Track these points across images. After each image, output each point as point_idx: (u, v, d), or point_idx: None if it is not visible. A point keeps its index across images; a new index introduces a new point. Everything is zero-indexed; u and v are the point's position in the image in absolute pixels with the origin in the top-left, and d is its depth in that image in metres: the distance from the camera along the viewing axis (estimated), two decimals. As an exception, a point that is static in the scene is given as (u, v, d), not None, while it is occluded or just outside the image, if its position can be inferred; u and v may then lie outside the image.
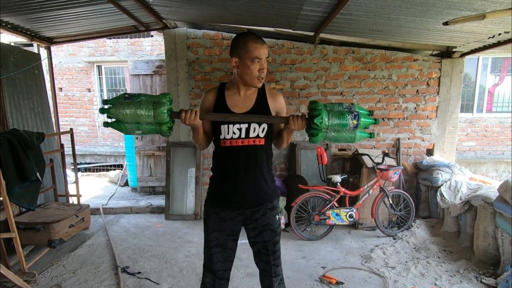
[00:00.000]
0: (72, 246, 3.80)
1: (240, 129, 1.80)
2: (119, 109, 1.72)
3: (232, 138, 1.81)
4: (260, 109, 1.84)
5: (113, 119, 1.80)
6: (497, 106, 7.31)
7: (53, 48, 5.08)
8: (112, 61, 7.94)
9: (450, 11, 2.86)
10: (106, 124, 1.84)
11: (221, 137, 1.82)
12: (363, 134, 1.89)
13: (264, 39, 1.80)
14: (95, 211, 4.91)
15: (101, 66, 8.18)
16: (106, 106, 1.78)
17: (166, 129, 1.78)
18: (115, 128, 1.82)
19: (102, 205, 5.14)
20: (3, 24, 3.81)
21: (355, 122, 1.78)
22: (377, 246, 3.84)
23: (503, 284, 2.74)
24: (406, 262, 3.42)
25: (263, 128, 1.82)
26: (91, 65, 8.06)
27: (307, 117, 1.80)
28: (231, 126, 1.79)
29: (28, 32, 4.26)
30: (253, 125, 1.81)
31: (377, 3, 2.84)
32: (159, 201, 5.31)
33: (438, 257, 3.50)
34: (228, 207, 1.88)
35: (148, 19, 4.24)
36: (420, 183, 4.66)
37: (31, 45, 4.87)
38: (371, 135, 1.93)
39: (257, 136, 1.82)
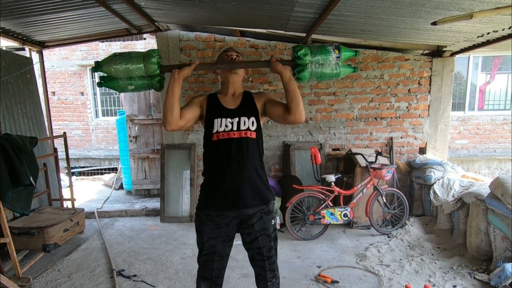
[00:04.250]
0: (67, 250, 3.79)
1: (232, 123, 1.88)
2: (111, 65, 1.82)
3: (224, 131, 1.87)
4: (248, 105, 1.96)
5: (106, 79, 1.89)
6: (488, 104, 7.39)
7: (45, 52, 5.06)
8: (105, 64, 7.92)
9: (439, 11, 2.90)
10: (99, 84, 1.93)
11: (214, 131, 1.88)
12: (346, 69, 1.99)
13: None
14: (90, 215, 4.89)
15: (94, 69, 8.14)
16: (98, 70, 1.87)
17: (156, 82, 1.89)
18: (109, 86, 1.91)
19: (97, 208, 5.11)
20: (-6, 28, 3.80)
21: (336, 52, 1.90)
22: (371, 244, 3.87)
23: (496, 279, 2.78)
24: (401, 259, 3.45)
25: (253, 122, 1.91)
26: (84, 69, 8.03)
27: (290, 59, 1.96)
28: (223, 120, 1.88)
29: (20, 37, 4.24)
30: (242, 119, 1.90)
31: (367, 4, 2.87)
32: (154, 203, 5.30)
33: (432, 254, 3.54)
34: (223, 208, 1.86)
35: (140, 22, 4.25)
36: (413, 181, 4.71)
37: (23, 49, 4.85)
38: (354, 69, 2.04)
39: (248, 129, 1.89)
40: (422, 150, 4.94)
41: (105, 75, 1.90)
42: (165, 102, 1.81)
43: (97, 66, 1.87)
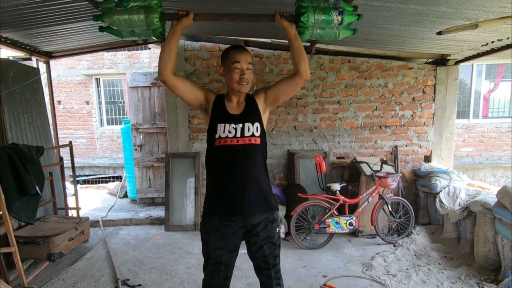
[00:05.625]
0: (72, 259, 3.79)
1: (235, 129, 1.85)
2: (112, 17, 1.78)
3: (227, 137, 1.84)
4: (251, 109, 1.93)
5: (107, 27, 1.87)
6: (493, 112, 7.37)
7: (52, 62, 5.12)
8: (110, 73, 7.99)
9: (443, 21, 2.92)
10: (101, 29, 1.92)
11: (216, 136, 1.85)
12: (346, 31, 1.98)
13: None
14: (95, 224, 4.89)
15: (99, 78, 8.23)
16: (99, 13, 1.86)
17: (159, 34, 1.89)
18: (110, 33, 1.90)
19: (102, 217, 5.12)
20: (3, 39, 3.85)
21: (339, 18, 1.88)
22: (377, 253, 3.84)
23: (504, 290, 2.75)
24: (407, 269, 3.42)
25: (257, 127, 1.88)
26: (89, 78, 8.11)
27: (294, 14, 1.91)
28: (227, 125, 1.85)
29: (28, 47, 4.30)
30: (247, 124, 1.87)
31: (372, 14, 2.89)
32: (159, 212, 5.30)
33: (439, 264, 3.50)
34: (228, 216, 1.85)
35: (146, 32, 4.29)
36: (419, 190, 4.68)
37: (30, 59, 4.91)
38: (354, 31, 2.02)
39: (252, 135, 1.86)
40: (427, 159, 4.92)
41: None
42: (161, 52, 1.79)
43: (98, 16, 1.84)
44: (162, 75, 1.79)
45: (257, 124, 1.89)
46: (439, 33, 2.99)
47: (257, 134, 1.88)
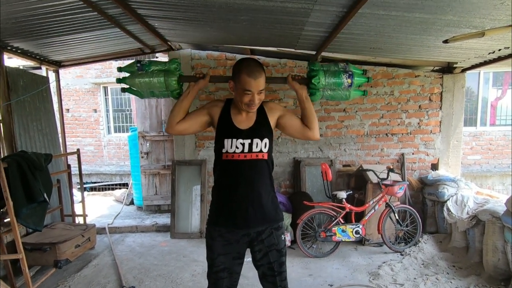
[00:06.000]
0: (78, 266, 3.80)
1: (243, 144, 1.83)
2: (134, 79, 1.96)
3: (234, 152, 1.83)
4: (262, 124, 1.90)
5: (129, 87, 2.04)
6: (500, 119, 7.31)
7: (61, 71, 5.20)
8: (118, 82, 8.09)
9: (449, 29, 2.92)
10: (123, 90, 2.08)
11: (224, 150, 1.85)
12: (357, 92, 2.08)
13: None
14: (101, 231, 4.91)
15: (107, 87, 8.34)
16: (122, 75, 2.04)
17: (176, 95, 2.01)
18: (132, 93, 2.07)
19: (108, 224, 5.14)
20: (14, 49, 3.93)
21: (349, 81, 1.98)
22: (384, 262, 3.80)
23: (515, 300, 2.70)
24: (415, 278, 3.37)
25: (265, 143, 1.86)
26: (97, 86, 8.22)
27: (305, 76, 1.99)
28: (234, 140, 1.83)
29: (38, 57, 4.38)
30: (255, 140, 1.84)
31: (377, 23, 2.91)
32: (165, 219, 5.31)
33: (447, 273, 3.45)
34: (233, 227, 1.86)
35: (154, 42, 4.36)
36: (426, 198, 4.64)
37: (40, 68, 5.00)
38: (364, 93, 2.11)
39: (260, 151, 1.85)
40: (435, 166, 4.88)
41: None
42: (173, 109, 1.90)
43: (121, 79, 2.01)
44: (170, 130, 1.91)
45: (266, 140, 1.87)
46: (445, 41, 2.99)
47: (265, 150, 1.87)
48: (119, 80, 2.02)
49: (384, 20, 2.82)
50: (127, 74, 2.04)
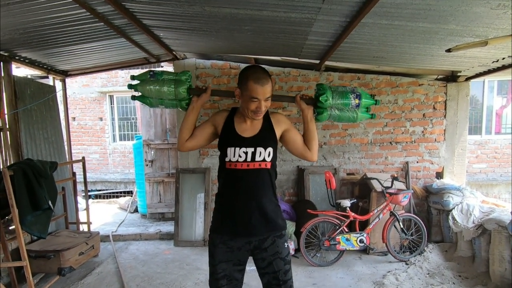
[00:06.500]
0: (82, 274, 3.80)
1: (246, 153, 1.84)
2: (145, 86, 2.00)
3: (237, 161, 1.84)
4: (267, 133, 1.91)
5: (139, 94, 2.08)
6: (506, 128, 7.27)
7: (68, 80, 5.27)
8: (124, 91, 8.15)
9: (452, 38, 2.93)
10: (133, 97, 2.13)
11: (227, 159, 1.86)
12: (364, 114, 2.07)
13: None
14: (105, 238, 4.92)
15: (113, 95, 8.42)
16: (133, 82, 2.06)
17: (184, 105, 2.04)
18: (141, 101, 2.10)
19: (112, 232, 5.15)
20: (22, 59, 4.00)
21: (357, 101, 1.98)
22: (389, 272, 3.76)
23: (522, 311, 2.66)
24: (420, 289, 3.34)
25: (269, 153, 1.86)
26: (103, 95, 8.30)
27: (313, 97, 2.00)
28: (237, 149, 1.84)
29: (45, 66, 4.45)
30: (259, 149, 1.85)
31: (381, 32, 2.93)
32: (168, 227, 5.31)
33: (453, 283, 3.41)
34: (235, 235, 1.86)
35: (159, 51, 4.41)
36: (431, 207, 4.61)
37: (47, 77, 5.07)
38: (372, 116, 2.10)
39: (263, 160, 1.86)
40: (439, 175, 4.85)
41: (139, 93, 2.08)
42: (181, 127, 1.95)
43: (133, 85, 2.05)
44: (180, 148, 1.97)
45: (269, 150, 1.87)
46: (449, 50, 3.00)
47: (268, 159, 1.87)
48: (130, 86, 2.07)
49: (387, 29, 2.84)
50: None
